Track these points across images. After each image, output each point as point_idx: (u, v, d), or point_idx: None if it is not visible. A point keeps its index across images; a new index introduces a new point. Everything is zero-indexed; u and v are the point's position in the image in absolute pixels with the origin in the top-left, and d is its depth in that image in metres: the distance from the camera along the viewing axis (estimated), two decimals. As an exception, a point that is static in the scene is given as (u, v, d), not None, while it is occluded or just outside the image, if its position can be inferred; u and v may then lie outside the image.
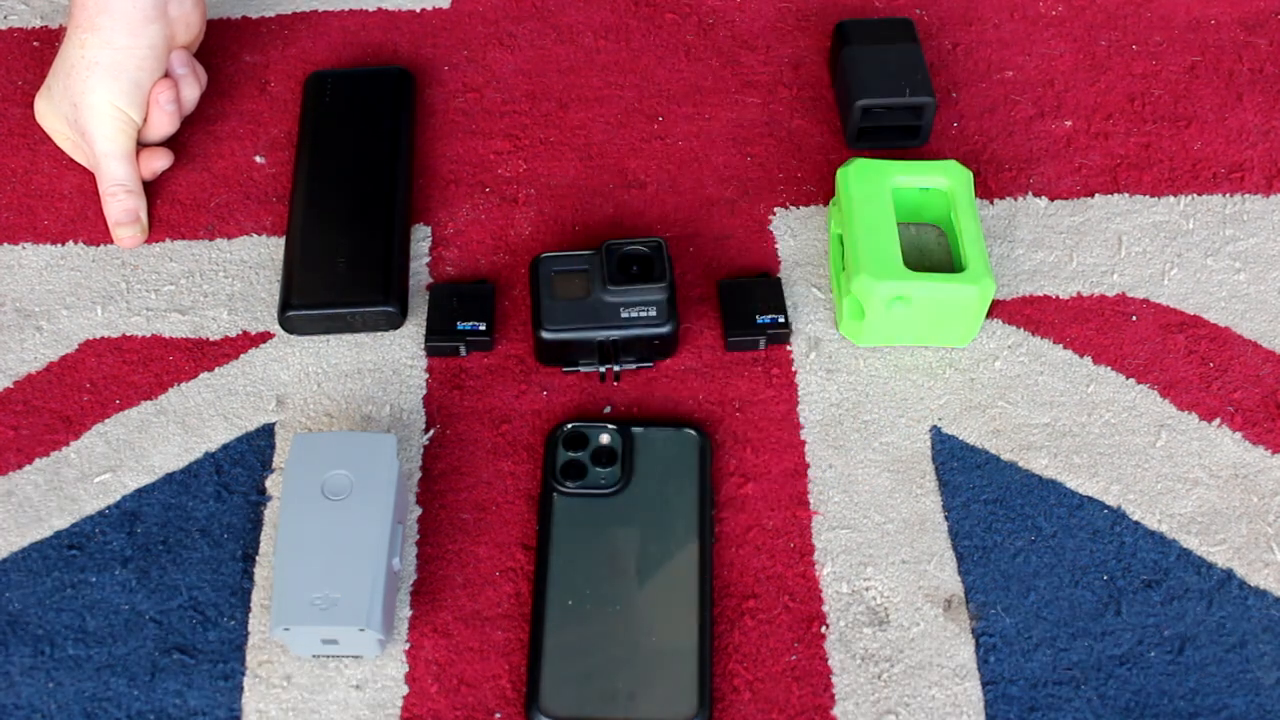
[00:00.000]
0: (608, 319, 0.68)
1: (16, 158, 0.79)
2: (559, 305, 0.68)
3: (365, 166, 0.77)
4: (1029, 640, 0.62)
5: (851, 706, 0.60)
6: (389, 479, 0.61)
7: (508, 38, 0.86)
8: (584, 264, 0.69)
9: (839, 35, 0.81)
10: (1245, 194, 0.78)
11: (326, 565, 0.58)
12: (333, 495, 0.60)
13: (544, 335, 0.67)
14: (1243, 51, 0.85)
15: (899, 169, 0.72)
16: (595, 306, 0.68)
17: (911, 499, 0.66)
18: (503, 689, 0.60)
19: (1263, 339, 0.71)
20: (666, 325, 0.68)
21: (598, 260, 0.69)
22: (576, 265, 0.69)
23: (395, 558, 0.60)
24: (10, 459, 0.67)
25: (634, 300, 0.68)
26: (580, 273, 0.69)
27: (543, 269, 0.69)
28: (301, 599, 0.57)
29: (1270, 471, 0.67)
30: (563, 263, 0.69)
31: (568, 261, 0.69)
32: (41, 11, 0.87)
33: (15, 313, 0.73)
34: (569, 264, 0.69)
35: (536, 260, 0.70)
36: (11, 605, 0.63)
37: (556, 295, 0.68)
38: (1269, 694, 0.60)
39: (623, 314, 0.68)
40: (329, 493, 0.60)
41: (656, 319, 0.68)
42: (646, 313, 0.68)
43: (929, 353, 0.71)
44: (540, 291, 0.69)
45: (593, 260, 0.69)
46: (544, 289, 0.69)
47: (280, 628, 0.57)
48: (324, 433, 0.63)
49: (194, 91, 0.78)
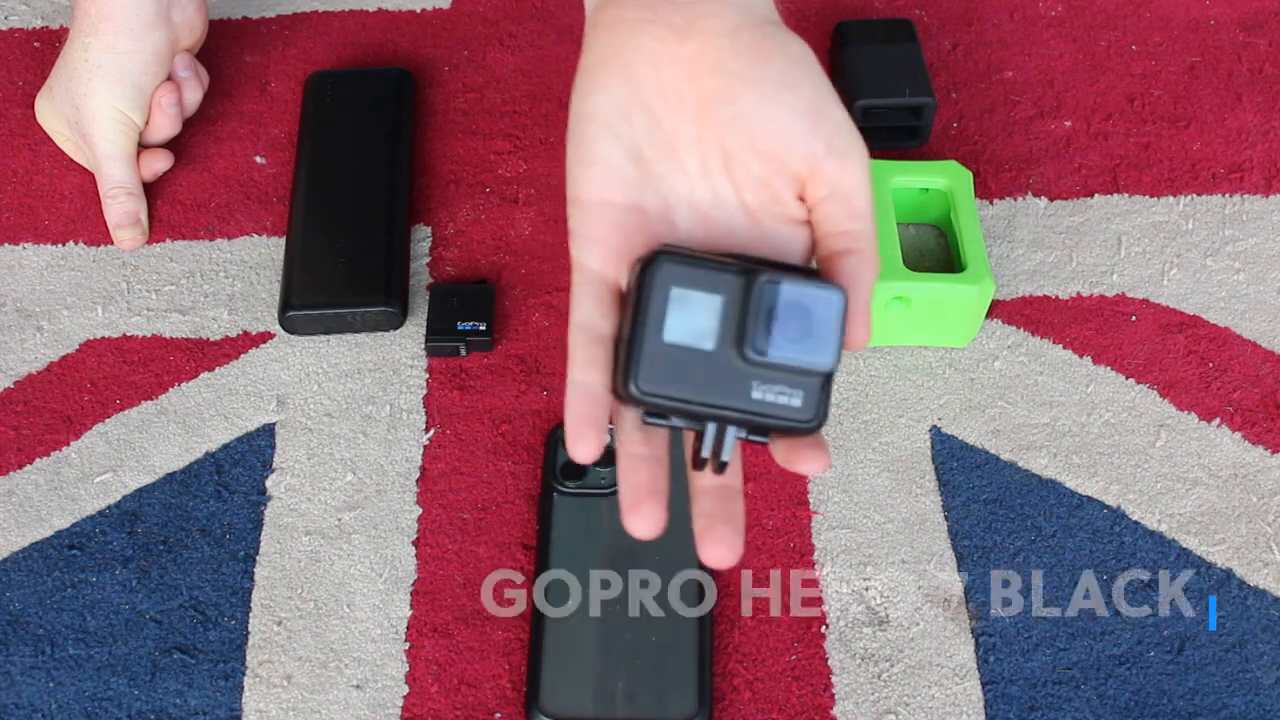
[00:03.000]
0: (731, 394, 0.44)
1: (17, 158, 0.79)
2: (668, 352, 0.44)
3: (365, 166, 0.77)
4: (1028, 640, 0.62)
5: (851, 706, 0.60)
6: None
7: (508, 38, 0.86)
8: (722, 288, 0.44)
9: (839, 36, 0.81)
10: (1245, 194, 0.78)
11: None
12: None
13: (632, 393, 0.44)
14: (1242, 52, 0.85)
15: (899, 169, 0.72)
16: (718, 368, 0.44)
17: (911, 499, 0.66)
18: (503, 689, 0.60)
19: (1262, 339, 0.71)
20: (812, 421, 0.45)
21: (740, 292, 0.44)
22: (711, 288, 0.44)
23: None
24: (11, 459, 0.67)
25: (776, 379, 0.45)
26: (712, 301, 0.44)
27: (659, 279, 0.44)
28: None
29: (1270, 471, 0.67)
30: (692, 277, 0.44)
31: (700, 277, 0.44)
32: (42, 12, 0.87)
33: (16, 313, 0.73)
34: (701, 282, 0.44)
35: (654, 259, 0.44)
36: (12, 605, 0.63)
37: (668, 333, 0.44)
38: (1268, 694, 0.60)
39: (754, 392, 0.44)
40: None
41: (798, 410, 0.45)
42: (786, 398, 0.45)
43: (929, 353, 0.71)
44: (646, 317, 0.44)
45: (734, 287, 0.44)
46: (652, 316, 0.44)
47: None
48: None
49: (196, 94, 0.78)
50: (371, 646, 0.61)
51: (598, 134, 0.46)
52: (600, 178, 0.46)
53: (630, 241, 0.46)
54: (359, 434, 0.68)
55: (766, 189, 0.47)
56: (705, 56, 0.46)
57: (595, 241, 0.46)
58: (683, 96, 0.46)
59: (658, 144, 0.46)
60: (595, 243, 0.46)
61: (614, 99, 0.46)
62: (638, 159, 0.46)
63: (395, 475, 0.67)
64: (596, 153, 0.46)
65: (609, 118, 0.46)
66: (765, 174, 0.46)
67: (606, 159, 0.46)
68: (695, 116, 0.46)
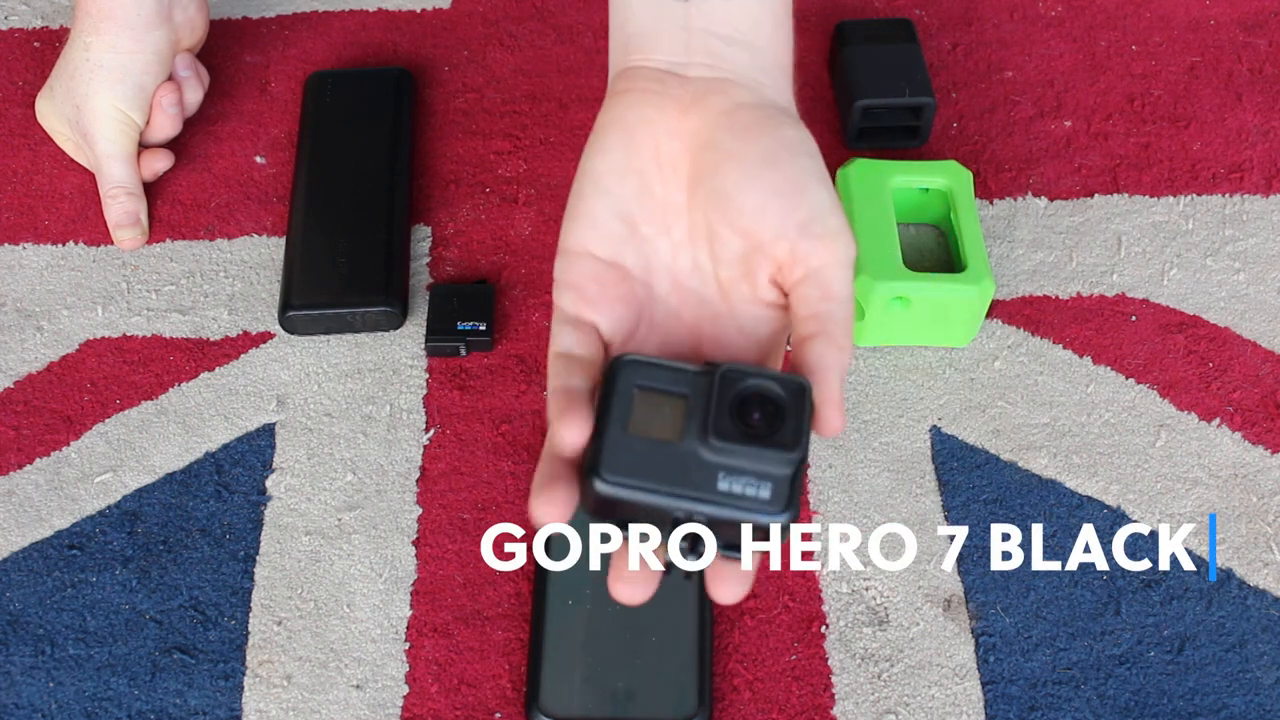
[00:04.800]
0: (696, 485, 0.44)
1: (17, 158, 0.79)
2: (631, 444, 0.44)
3: (365, 166, 0.77)
4: (1028, 640, 0.62)
5: (851, 706, 0.60)
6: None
7: (508, 38, 0.86)
8: (685, 386, 0.45)
9: (839, 36, 0.81)
10: (1245, 194, 0.78)
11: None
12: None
13: (598, 487, 0.44)
14: (1242, 52, 0.85)
15: (899, 169, 0.72)
16: (683, 460, 0.44)
17: (911, 499, 0.66)
18: (503, 689, 0.60)
19: (1262, 339, 0.72)
20: (780, 514, 0.43)
21: (704, 387, 0.45)
22: (673, 386, 0.45)
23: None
24: (11, 459, 0.67)
25: (742, 468, 0.44)
26: (676, 399, 0.45)
27: (622, 379, 0.45)
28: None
29: (1270, 471, 0.67)
30: (655, 376, 0.45)
31: (663, 376, 0.45)
32: (42, 12, 0.87)
33: (16, 313, 0.73)
34: (663, 380, 0.45)
35: (618, 363, 0.46)
36: (12, 605, 0.63)
37: (632, 427, 0.45)
38: (1268, 694, 0.60)
39: (720, 484, 0.44)
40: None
41: (766, 502, 0.43)
42: (753, 489, 0.44)
43: (929, 353, 0.71)
44: (610, 413, 0.45)
45: (697, 384, 0.45)
46: (616, 411, 0.45)
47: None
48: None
49: (197, 94, 0.78)
50: (371, 646, 0.61)
51: (591, 192, 0.48)
52: (586, 231, 0.48)
53: (606, 292, 0.47)
54: (359, 434, 0.68)
55: (742, 266, 0.47)
56: (702, 131, 0.47)
57: (573, 288, 0.47)
58: (677, 167, 0.48)
59: (647, 208, 0.48)
60: (573, 289, 0.47)
61: (611, 161, 0.48)
62: (626, 219, 0.48)
63: (395, 475, 0.67)
64: (587, 208, 0.48)
65: (603, 178, 0.48)
66: (744, 251, 0.47)
67: (595, 215, 0.48)
68: (688, 187, 0.48)
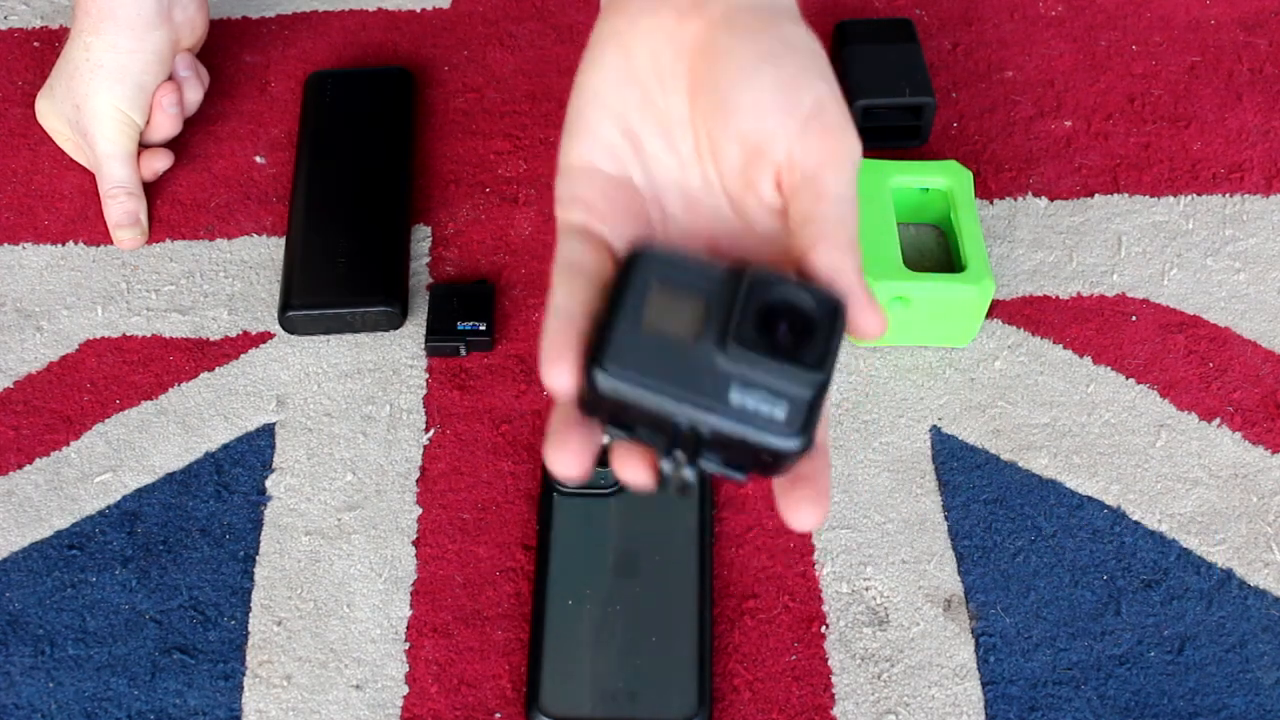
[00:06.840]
0: (706, 392, 0.40)
1: (17, 158, 0.79)
2: (641, 341, 0.40)
3: (365, 166, 0.77)
4: (1029, 640, 0.62)
5: (851, 706, 0.60)
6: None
7: (508, 38, 0.86)
8: (707, 285, 0.41)
9: (839, 35, 0.81)
10: (1245, 194, 0.78)
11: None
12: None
13: (599, 379, 0.40)
14: (1242, 52, 0.85)
15: (899, 169, 0.72)
16: (696, 364, 0.40)
17: (911, 499, 0.66)
18: (503, 689, 0.60)
19: (1262, 339, 0.71)
20: (793, 440, 0.40)
21: (730, 289, 0.41)
22: (695, 283, 0.41)
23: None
24: (10, 459, 0.67)
25: (758, 382, 0.40)
26: (697, 298, 0.41)
27: (641, 271, 0.41)
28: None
29: (1270, 471, 0.67)
30: (677, 271, 0.41)
31: (686, 272, 0.41)
32: (42, 12, 0.87)
33: (15, 313, 0.73)
34: (686, 276, 0.41)
35: (638, 254, 0.42)
36: (12, 605, 0.63)
37: (645, 323, 0.40)
38: (1269, 694, 0.60)
39: (732, 396, 0.40)
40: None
41: (780, 424, 0.40)
42: (768, 407, 0.40)
43: (929, 353, 0.71)
44: (622, 305, 0.41)
45: (723, 285, 0.41)
46: (630, 303, 0.41)
47: None
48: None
49: (197, 94, 0.78)
50: (371, 647, 0.61)
51: (590, 106, 0.45)
52: (589, 146, 0.45)
53: (616, 209, 0.44)
54: (359, 434, 0.68)
55: (743, 177, 0.44)
56: (699, 36, 0.44)
57: (579, 202, 0.44)
58: (677, 75, 0.45)
59: (650, 121, 0.45)
60: (579, 203, 0.44)
61: (608, 74, 0.45)
62: (628, 133, 0.45)
63: (395, 475, 0.67)
64: (587, 123, 0.45)
65: (602, 91, 0.45)
66: (744, 160, 0.44)
67: (596, 129, 0.45)
68: (689, 96, 0.45)
